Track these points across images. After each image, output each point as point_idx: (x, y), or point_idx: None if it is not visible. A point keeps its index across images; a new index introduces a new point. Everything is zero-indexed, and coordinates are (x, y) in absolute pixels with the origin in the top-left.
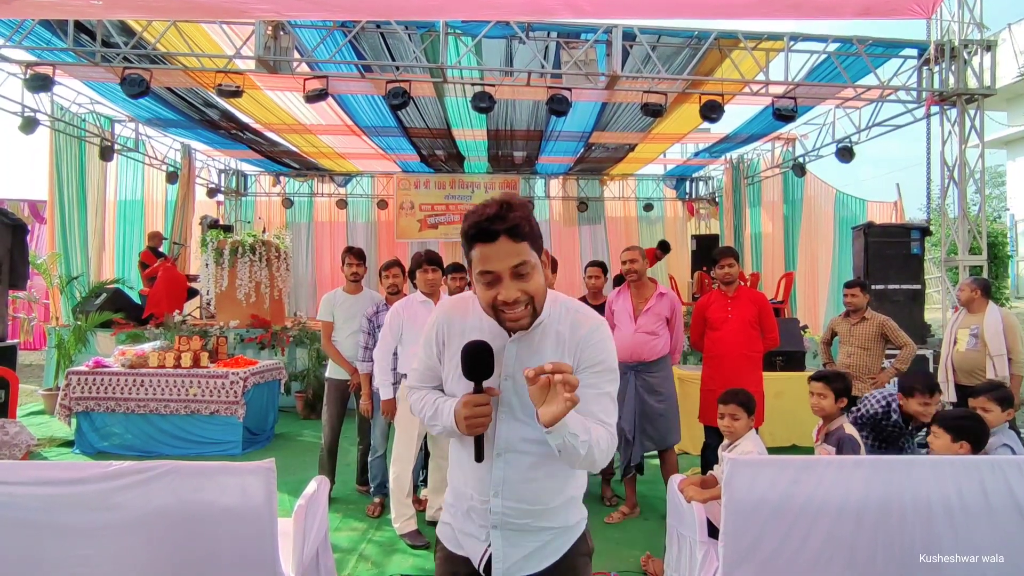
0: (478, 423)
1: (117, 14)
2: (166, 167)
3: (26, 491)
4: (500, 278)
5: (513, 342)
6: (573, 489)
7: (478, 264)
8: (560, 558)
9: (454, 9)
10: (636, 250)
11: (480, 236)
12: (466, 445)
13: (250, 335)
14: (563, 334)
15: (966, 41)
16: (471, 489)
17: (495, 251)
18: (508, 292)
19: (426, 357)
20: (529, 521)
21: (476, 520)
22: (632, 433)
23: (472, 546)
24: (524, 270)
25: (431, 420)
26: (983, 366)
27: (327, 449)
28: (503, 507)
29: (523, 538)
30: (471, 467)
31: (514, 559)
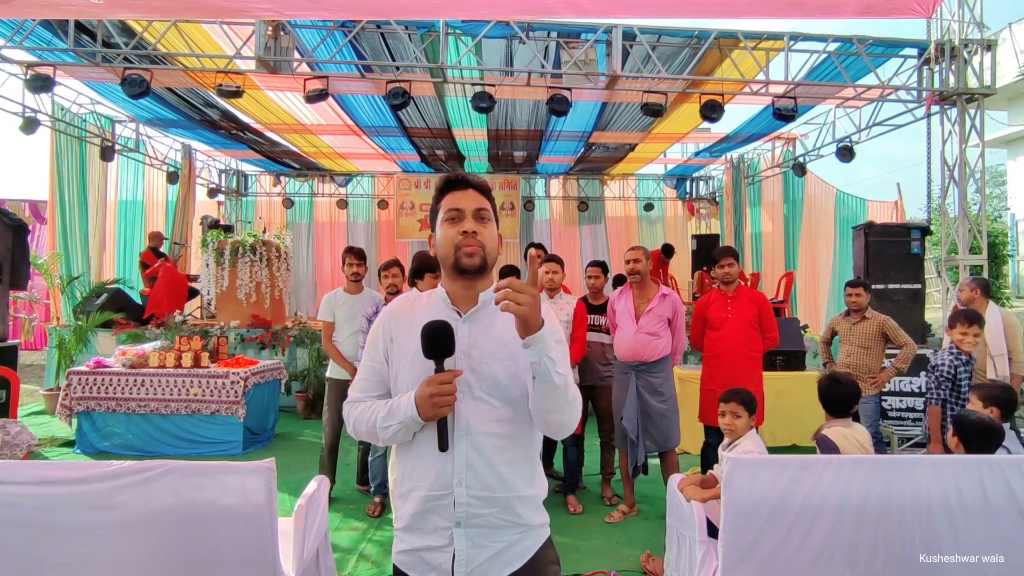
0: (443, 402)
1: (117, 14)
2: (167, 167)
3: (27, 491)
4: (464, 216)
5: (464, 321)
6: (538, 487)
7: (447, 205)
8: (527, 562)
9: (454, 8)
10: (640, 250)
11: (454, 184)
12: (419, 443)
13: (251, 335)
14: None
15: (966, 40)
16: (426, 488)
17: (464, 195)
18: (468, 223)
19: (370, 361)
20: (495, 511)
21: (436, 523)
22: (636, 433)
23: (437, 559)
24: (484, 215)
25: (384, 420)
26: (983, 366)
27: (327, 449)
28: (467, 497)
29: (488, 536)
30: (430, 461)
31: (478, 561)
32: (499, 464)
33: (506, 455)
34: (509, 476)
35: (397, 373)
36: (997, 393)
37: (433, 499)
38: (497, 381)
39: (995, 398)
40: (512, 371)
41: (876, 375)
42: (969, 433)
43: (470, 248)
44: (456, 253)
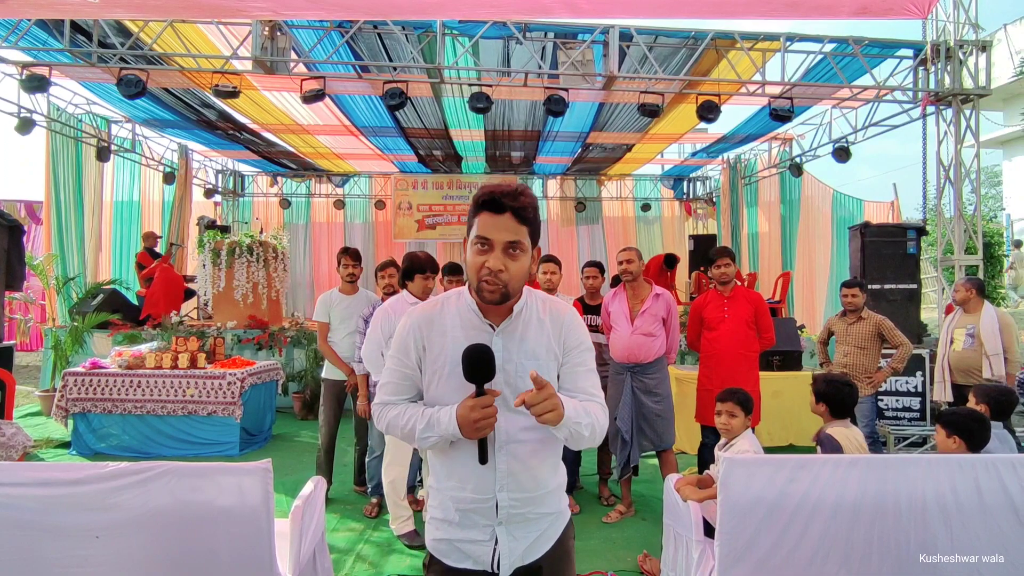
0: (486, 424)
1: (113, 14)
2: (163, 168)
3: (23, 492)
4: (493, 248)
5: (498, 335)
6: (560, 476)
7: (478, 229)
8: (555, 542)
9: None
10: (632, 251)
11: (490, 205)
12: (459, 450)
13: (247, 336)
14: (545, 322)
15: (962, 41)
16: (470, 491)
17: (497, 222)
18: (495, 262)
19: (400, 366)
20: (531, 509)
21: (479, 522)
22: (629, 434)
23: (477, 551)
24: (515, 248)
25: (423, 432)
26: (979, 365)
27: (324, 449)
28: (509, 500)
29: (525, 529)
30: (470, 469)
31: (519, 551)
32: (535, 467)
33: (539, 457)
34: (542, 475)
35: (431, 382)
36: (991, 392)
37: (476, 502)
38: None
39: (987, 394)
40: None
41: (872, 375)
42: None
43: (489, 288)
44: (478, 284)
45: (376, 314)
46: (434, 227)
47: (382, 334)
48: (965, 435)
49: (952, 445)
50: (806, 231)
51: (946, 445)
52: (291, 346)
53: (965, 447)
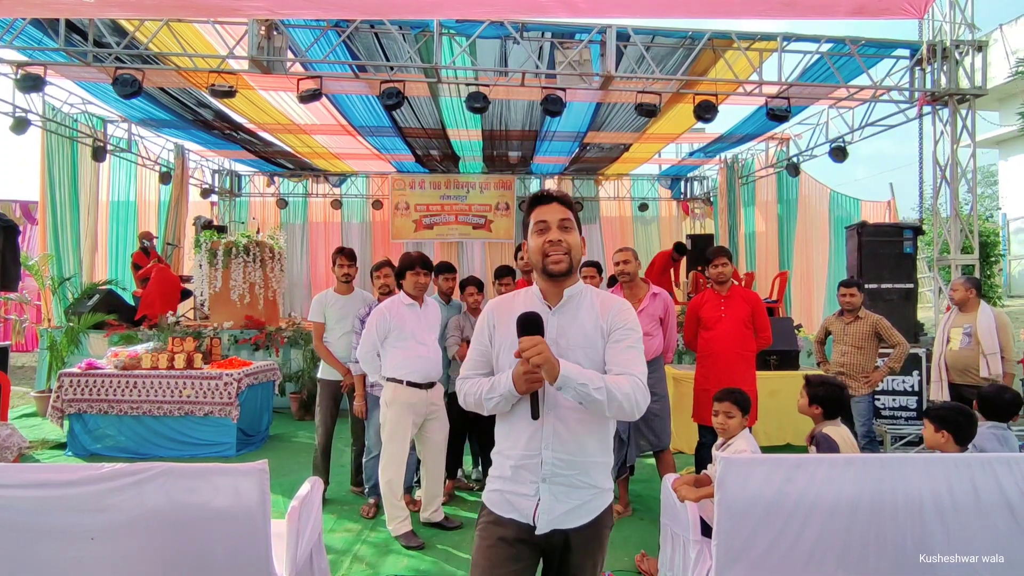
0: (535, 377)
1: (108, 13)
2: (159, 168)
3: (18, 494)
4: (550, 226)
5: (554, 314)
6: (608, 455)
7: (535, 217)
8: (592, 520)
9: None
10: (629, 251)
11: (540, 200)
12: (517, 413)
13: (244, 336)
14: (596, 307)
15: (958, 41)
16: (521, 449)
17: (549, 209)
18: (554, 234)
19: (478, 344)
20: (574, 474)
21: (527, 477)
22: (627, 433)
23: (522, 503)
24: (567, 224)
25: (488, 394)
26: (976, 364)
27: (321, 450)
28: (553, 458)
29: (567, 493)
30: (523, 428)
31: (557, 512)
32: (580, 434)
33: (586, 427)
34: (588, 444)
35: (498, 354)
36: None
37: (526, 457)
38: (580, 365)
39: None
40: (592, 357)
41: (870, 374)
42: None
43: (556, 256)
44: (544, 260)
45: (372, 314)
46: (431, 227)
47: (377, 334)
48: (952, 428)
49: (940, 439)
50: (803, 231)
51: (935, 440)
52: (288, 346)
53: (953, 440)
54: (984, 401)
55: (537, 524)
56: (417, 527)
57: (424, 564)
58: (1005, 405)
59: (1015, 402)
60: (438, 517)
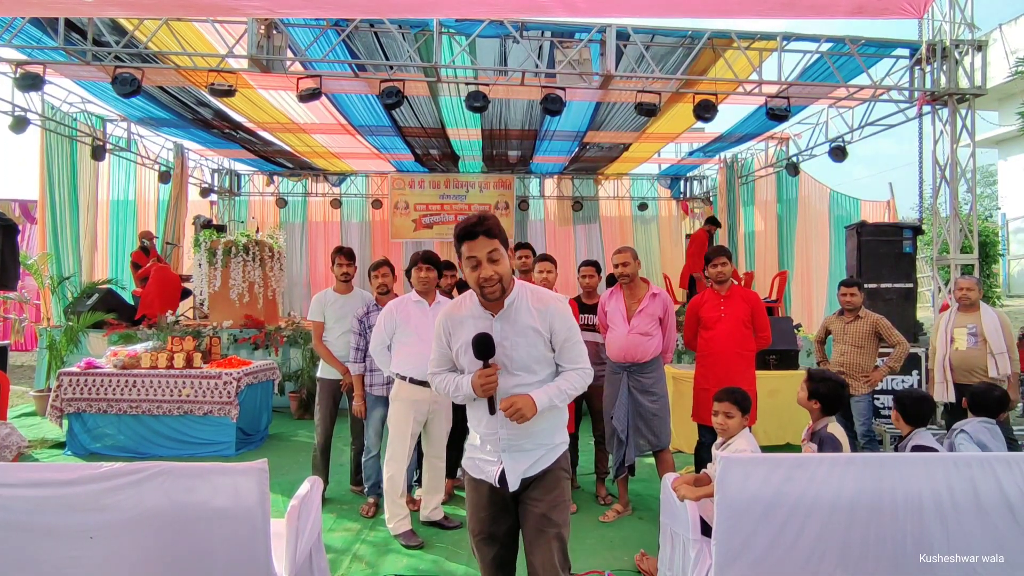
0: (489, 387)
1: (108, 12)
2: (158, 167)
3: (17, 493)
4: (480, 263)
5: (497, 320)
6: (554, 419)
7: (466, 253)
8: (548, 467)
9: (448, 6)
10: (628, 252)
11: (465, 235)
12: (480, 405)
13: (244, 335)
14: (533, 309)
15: (957, 41)
16: (484, 428)
17: (476, 244)
18: (485, 271)
19: (439, 348)
20: (525, 441)
21: (490, 448)
22: (626, 433)
23: (489, 468)
24: (496, 256)
25: (454, 393)
26: (984, 365)
27: (320, 449)
28: (507, 435)
29: (522, 455)
30: (484, 413)
31: (519, 470)
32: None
33: None
34: (535, 420)
35: (457, 356)
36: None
37: (488, 435)
38: (524, 361)
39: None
40: (533, 353)
41: (869, 374)
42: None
43: (489, 289)
44: (481, 292)
45: (382, 313)
46: (431, 226)
47: (385, 331)
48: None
49: (812, 406)
50: (803, 230)
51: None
52: (287, 345)
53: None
54: (974, 398)
55: (508, 483)
56: (416, 526)
57: (424, 563)
58: (994, 402)
59: (1003, 399)
60: (438, 516)
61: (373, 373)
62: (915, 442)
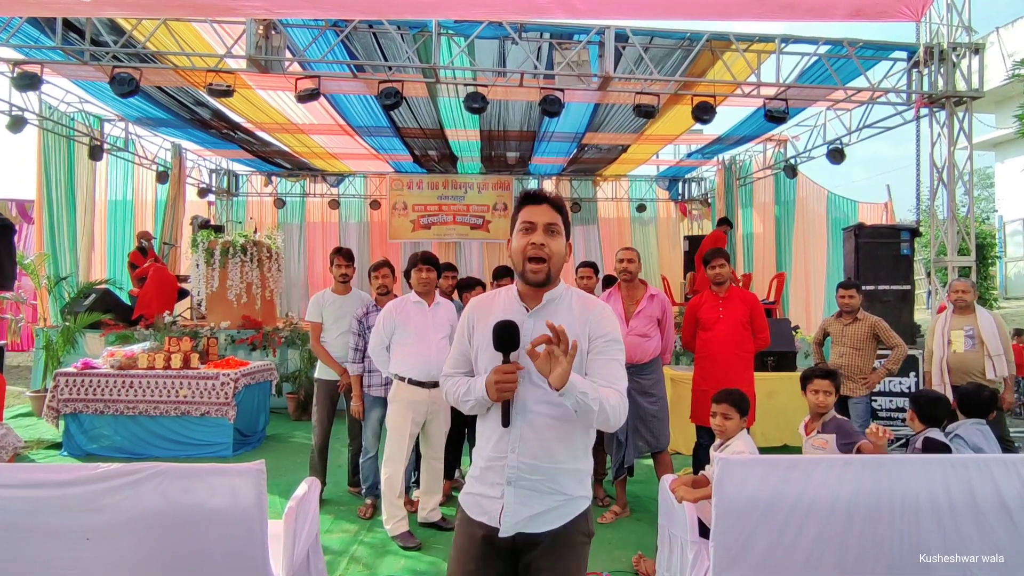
0: (506, 388)
1: (106, 12)
2: (156, 167)
3: (13, 494)
4: (535, 228)
5: (530, 317)
6: (582, 463)
7: (523, 217)
8: (561, 527)
9: (447, 7)
10: (633, 251)
11: (532, 199)
12: (491, 415)
13: (241, 336)
14: (575, 311)
15: (955, 44)
16: (490, 450)
17: (538, 210)
18: (538, 237)
19: (459, 343)
20: (540, 479)
21: (493, 479)
22: (625, 435)
23: (489, 506)
24: (554, 229)
25: (464, 396)
26: (981, 367)
27: (318, 450)
28: (518, 462)
29: (532, 498)
30: (494, 431)
31: (522, 516)
32: (549, 439)
33: (556, 432)
34: (556, 450)
35: (476, 355)
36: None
37: (493, 459)
38: None
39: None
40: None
41: (868, 376)
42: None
43: (534, 266)
44: (524, 266)
45: (381, 313)
46: (429, 227)
47: (384, 332)
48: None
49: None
50: (800, 232)
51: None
52: (285, 346)
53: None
54: (963, 399)
55: (501, 526)
56: (414, 527)
57: (421, 565)
58: (984, 402)
59: (992, 399)
60: (435, 517)
61: (371, 374)
62: (925, 435)
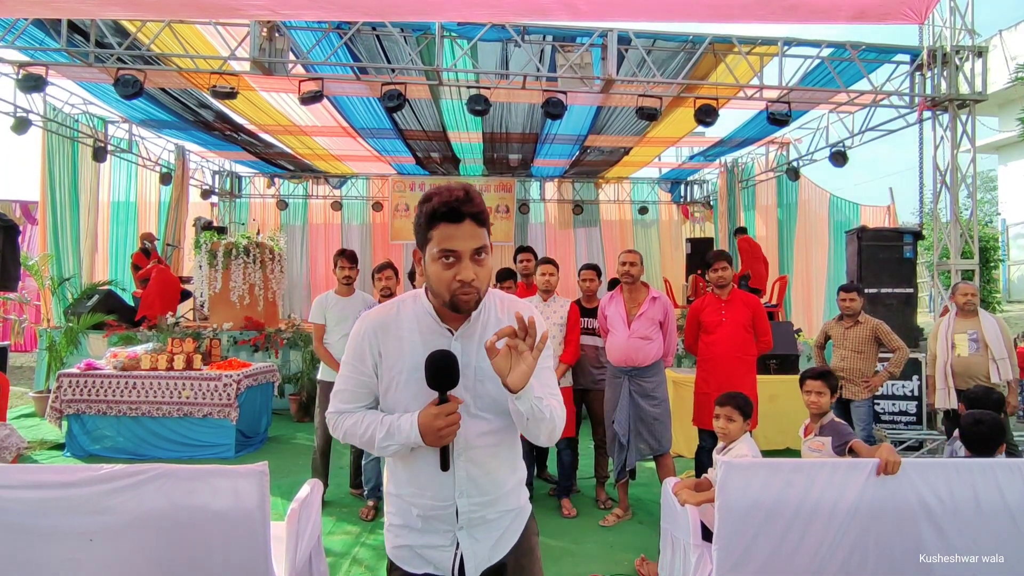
0: (450, 432)
1: (111, 13)
2: (159, 168)
3: (16, 495)
4: (461, 258)
5: (456, 339)
6: (520, 472)
7: (440, 243)
8: (518, 540)
9: (450, 8)
10: (636, 253)
11: (448, 216)
12: (419, 459)
13: (244, 337)
14: (503, 321)
15: (958, 47)
16: (429, 498)
17: (460, 232)
18: (467, 272)
19: (356, 374)
20: (490, 510)
21: (439, 527)
22: (627, 437)
23: (438, 556)
24: (482, 254)
25: (383, 441)
26: (985, 370)
27: (320, 452)
28: (469, 505)
29: (486, 531)
30: (429, 475)
31: (483, 552)
32: (493, 470)
33: (498, 459)
34: (501, 476)
35: (388, 389)
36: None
37: (437, 508)
38: (492, 398)
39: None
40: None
41: (869, 379)
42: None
43: (465, 297)
44: (452, 297)
45: None
46: None
47: None
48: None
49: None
50: (803, 235)
51: None
52: (287, 348)
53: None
54: (972, 403)
55: (466, 574)
56: None
57: None
58: (992, 405)
59: (1000, 402)
60: None
61: None
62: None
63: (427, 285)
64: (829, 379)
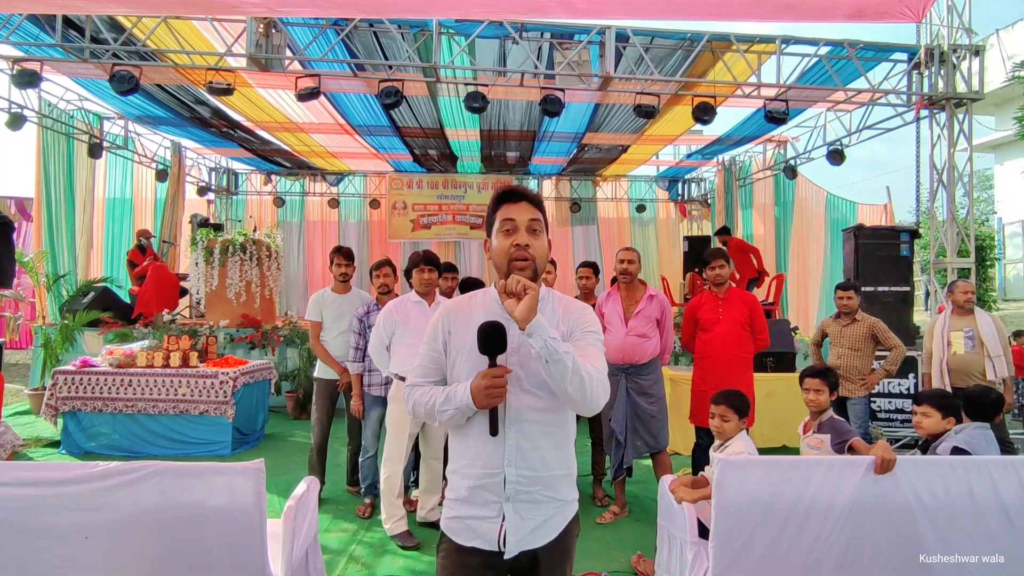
0: (496, 393)
1: (106, 9)
2: (155, 165)
3: (12, 492)
4: (518, 228)
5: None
6: (572, 466)
7: (502, 215)
8: (558, 535)
9: (448, 6)
10: (634, 251)
11: (509, 196)
12: (473, 427)
13: (240, 335)
14: (558, 313)
15: (955, 46)
16: (480, 467)
17: (518, 208)
18: (522, 237)
19: (429, 351)
20: (538, 489)
21: (487, 497)
22: (624, 435)
23: (484, 528)
24: (536, 226)
25: (442, 406)
26: (981, 368)
27: (316, 449)
28: (517, 476)
29: (531, 510)
30: (482, 444)
31: (524, 531)
32: (544, 448)
33: (550, 440)
34: (551, 458)
35: (454, 363)
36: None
37: (486, 477)
38: (542, 378)
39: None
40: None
41: (866, 377)
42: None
43: (521, 264)
44: (509, 265)
45: (381, 312)
46: (429, 227)
47: (385, 331)
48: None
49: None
50: (800, 233)
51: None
52: (284, 345)
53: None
54: (970, 401)
55: (505, 548)
56: (413, 527)
57: (420, 565)
58: (990, 404)
59: (998, 402)
60: (435, 517)
61: (371, 373)
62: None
63: (493, 264)
64: (828, 377)
